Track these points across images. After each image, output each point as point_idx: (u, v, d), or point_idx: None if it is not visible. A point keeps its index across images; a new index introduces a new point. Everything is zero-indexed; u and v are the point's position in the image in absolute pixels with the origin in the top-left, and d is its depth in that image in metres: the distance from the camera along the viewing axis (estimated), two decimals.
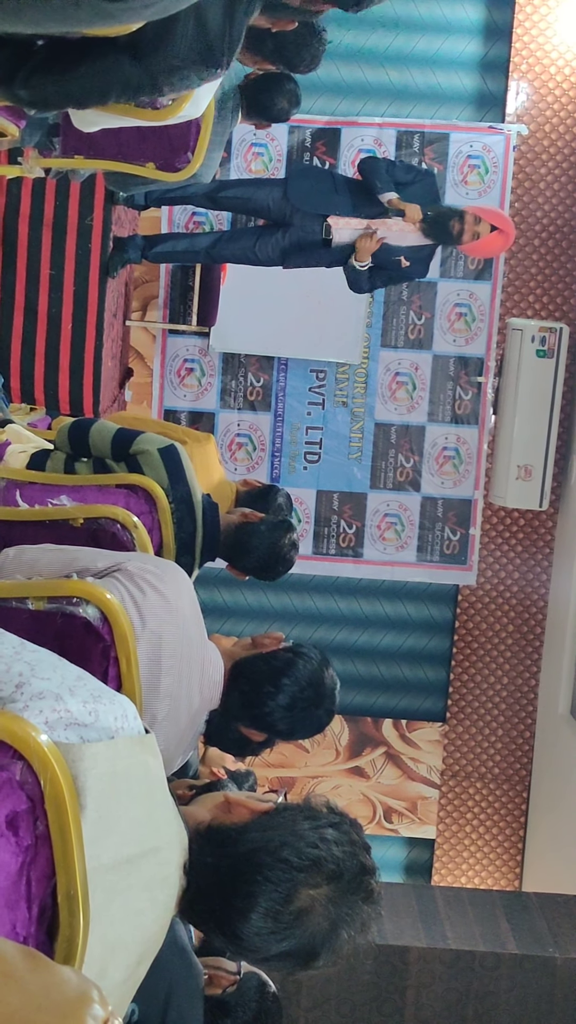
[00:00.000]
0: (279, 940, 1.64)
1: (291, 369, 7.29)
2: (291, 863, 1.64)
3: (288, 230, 5.83)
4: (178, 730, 2.35)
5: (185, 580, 2.40)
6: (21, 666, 1.55)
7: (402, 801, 7.58)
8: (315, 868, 1.65)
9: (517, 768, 7.67)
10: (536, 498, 7.12)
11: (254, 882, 1.63)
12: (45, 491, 3.08)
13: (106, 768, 1.47)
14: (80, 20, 2.11)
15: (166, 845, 1.61)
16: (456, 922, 5.30)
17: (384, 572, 7.44)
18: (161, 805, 1.61)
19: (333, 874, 1.65)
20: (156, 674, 2.25)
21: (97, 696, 1.56)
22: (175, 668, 2.29)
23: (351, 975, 5.05)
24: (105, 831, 1.46)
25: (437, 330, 7.29)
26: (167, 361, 7.27)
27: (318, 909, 1.64)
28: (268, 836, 1.68)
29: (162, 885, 1.59)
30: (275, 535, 3.55)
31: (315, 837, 1.67)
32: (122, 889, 1.49)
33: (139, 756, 1.56)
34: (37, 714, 1.47)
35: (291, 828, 1.69)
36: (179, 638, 2.30)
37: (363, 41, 7.08)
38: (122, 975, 1.51)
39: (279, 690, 2.48)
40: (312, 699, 2.51)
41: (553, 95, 7.13)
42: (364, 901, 1.68)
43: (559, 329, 6.96)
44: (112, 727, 1.54)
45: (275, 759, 7.46)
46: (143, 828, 1.55)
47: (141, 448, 3.39)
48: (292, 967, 1.70)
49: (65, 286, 5.72)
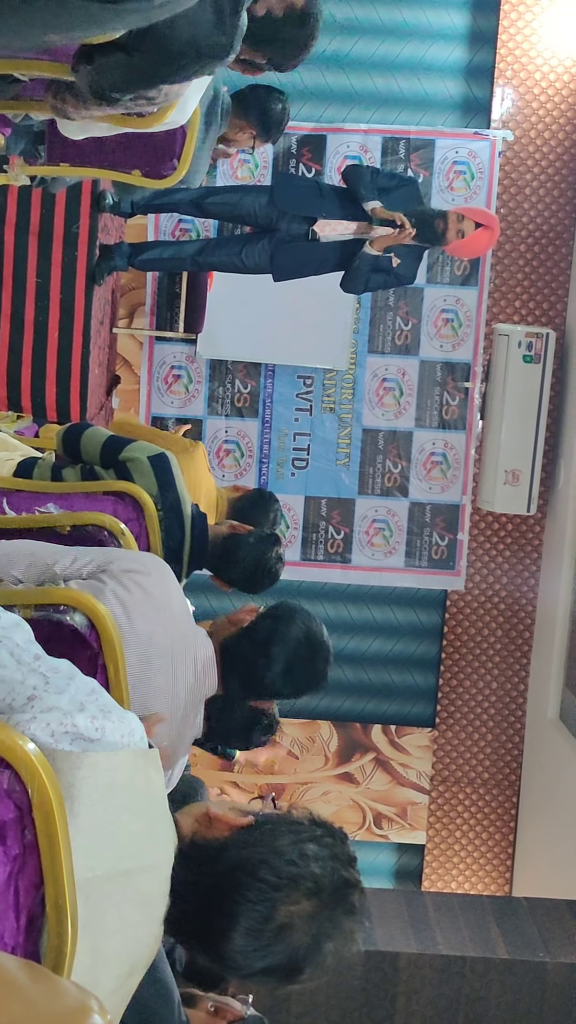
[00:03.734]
0: (261, 957, 1.65)
1: (278, 375, 7.29)
2: (269, 882, 1.64)
3: (275, 237, 5.83)
4: (175, 726, 2.37)
5: (170, 574, 2.42)
6: (36, 679, 1.55)
7: (392, 807, 7.57)
8: (293, 886, 1.65)
9: (506, 773, 7.67)
10: (524, 503, 7.13)
11: (233, 901, 1.63)
12: (32, 499, 3.07)
13: (105, 778, 1.47)
14: (66, 24, 2.11)
15: (164, 863, 1.60)
16: (446, 928, 5.30)
17: (372, 578, 7.44)
18: (161, 821, 1.61)
19: (312, 891, 1.65)
20: (148, 674, 2.26)
21: (107, 712, 1.56)
22: (167, 667, 2.31)
23: (341, 982, 5.05)
24: (102, 842, 1.45)
25: (424, 336, 7.30)
26: (154, 368, 7.27)
27: (299, 925, 1.64)
28: (246, 854, 1.67)
29: (158, 902, 1.59)
30: (262, 548, 3.56)
31: (294, 854, 1.67)
32: (117, 901, 1.49)
33: (142, 770, 1.56)
34: (44, 727, 1.47)
35: (270, 845, 1.69)
36: (169, 635, 2.32)
37: (348, 48, 7.10)
38: (113, 986, 1.50)
39: (272, 659, 2.53)
40: (306, 655, 2.58)
41: (538, 101, 7.15)
42: (346, 915, 1.68)
43: (545, 334, 6.97)
44: (118, 744, 1.54)
45: (264, 765, 7.45)
46: (143, 843, 1.54)
47: (131, 455, 3.39)
48: (277, 982, 1.70)
49: (52, 294, 5.72)
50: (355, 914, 1.69)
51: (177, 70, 2.41)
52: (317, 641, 2.62)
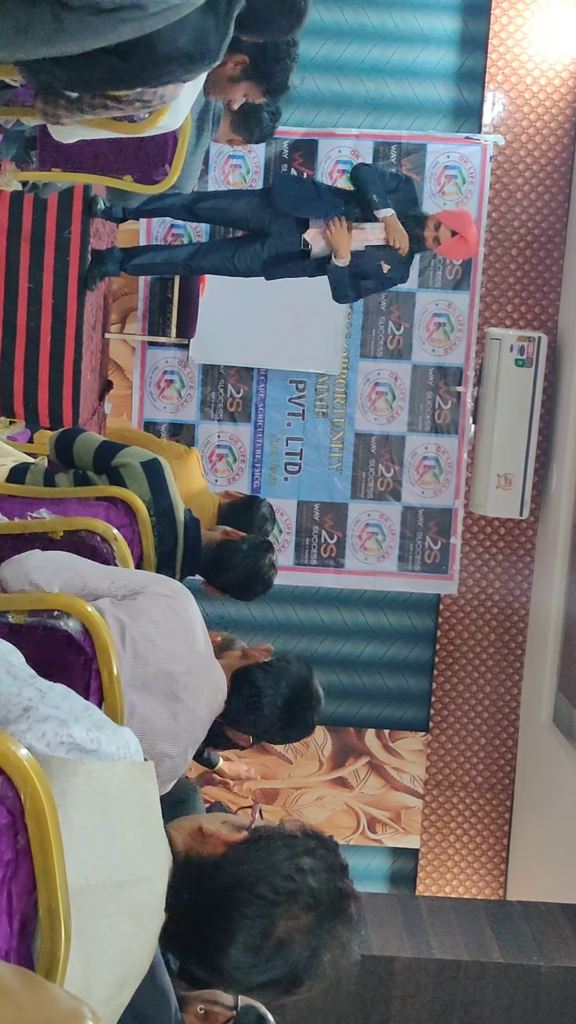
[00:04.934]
0: (261, 972, 1.65)
1: (271, 380, 7.29)
2: (267, 898, 1.65)
3: (267, 240, 5.84)
4: (194, 738, 2.47)
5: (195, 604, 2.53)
6: (32, 692, 1.57)
7: (386, 811, 7.57)
8: (291, 901, 1.65)
9: (500, 777, 7.67)
10: (516, 507, 7.13)
11: (231, 918, 1.64)
12: (24, 504, 3.07)
13: (100, 788, 1.47)
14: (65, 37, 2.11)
15: (158, 876, 1.61)
16: (441, 932, 5.30)
17: (365, 582, 7.44)
18: (156, 834, 1.61)
19: (310, 905, 1.66)
20: (175, 689, 2.36)
21: (100, 726, 1.57)
22: (191, 685, 2.40)
23: (337, 987, 5.03)
24: (95, 851, 1.45)
25: (416, 340, 7.30)
26: (147, 373, 7.27)
27: (298, 939, 1.65)
28: (243, 871, 1.68)
29: (152, 914, 1.59)
30: (255, 555, 3.56)
31: (290, 869, 1.67)
32: (110, 912, 1.49)
33: (138, 782, 1.56)
34: (39, 736, 1.48)
35: (266, 861, 1.69)
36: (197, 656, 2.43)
37: (339, 52, 7.10)
38: (105, 996, 1.50)
39: (279, 693, 2.69)
40: (306, 701, 2.74)
41: (529, 105, 7.17)
42: (343, 925, 1.69)
43: (537, 338, 6.98)
44: (114, 755, 1.55)
45: (258, 770, 7.44)
46: (137, 855, 1.54)
47: (124, 461, 3.39)
48: (276, 995, 1.71)
49: (44, 299, 5.72)
50: (352, 924, 1.70)
51: (162, 75, 2.41)
52: (317, 694, 2.78)
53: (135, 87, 2.48)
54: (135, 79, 2.42)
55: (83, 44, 2.21)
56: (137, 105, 2.59)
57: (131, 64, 2.33)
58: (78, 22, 2.07)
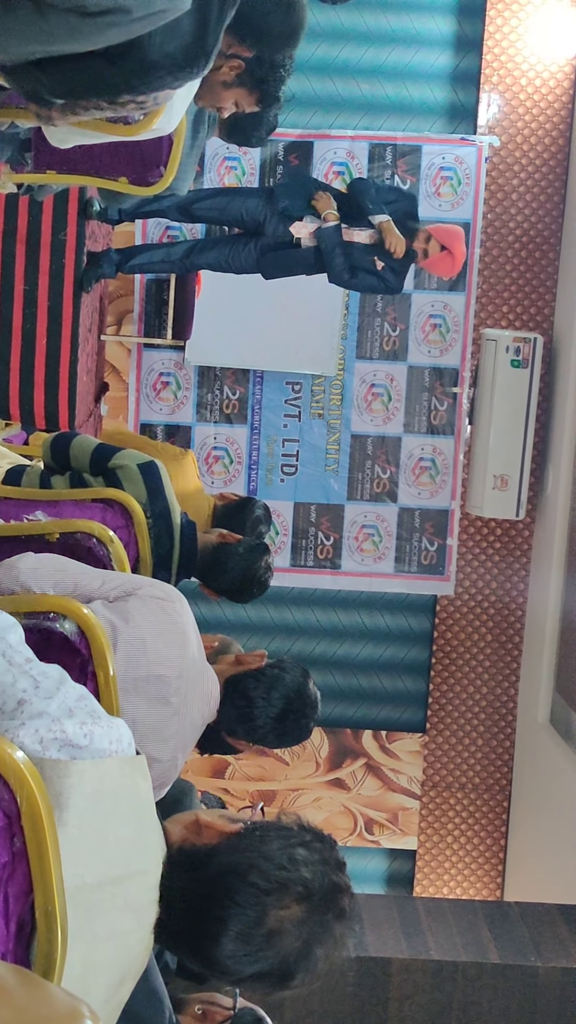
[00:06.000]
0: (252, 962, 1.64)
1: (267, 382, 7.30)
2: (259, 886, 1.64)
3: (260, 239, 5.87)
4: (184, 743, 2.44)
5: (188, 607, 2.50)
6: (26, 681, 1.57)
7: (383, 812, 7.57)
8: (283, 890, 1.64)
9: (497, 778, 7.68)
10: (513, 508, 7.14)
11: (223, 906, 1.63)
12: (20, 506, 3.07)
13: (93, 786, 1.48)
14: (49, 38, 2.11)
15: (152, 869, 1.61)
16: (438, 933, 5.30)
17: (362, 583, 7.45)
18: (149, 828, 1.61)
19: (302, 895, 1.65)
20: (166, 692, 2.32)
21: (95, 718, 1.57)
22: (183, 689, 2.36)
23: (334, 988, 5.04)
24: (90, 849, 1.45)
25: (412, 341, 7.31)
26: (143, 375, 7.27)
27: (289, 930, 1.64)
28: (236, 859, 1.67)
29: (148, 908, 1.59)
30: (251, 557, 3.56)
31: (284, 858, 1.67)
32: (107, 909, 1.49)
33: (129, 777, 1.57)
34: (32, 733, 1.48)
35: (260, 850, 1.68)
36: (190, 660, 2.40)
37: (335, 54, 7.11)
38: (104, 994, 1.50)
39: (271, 703, 2.65)
40: (300, 709, 2.69)
41: (524, 106, 7.17)
42: (336, 919, 1.68)
43: (533, 339, 6.99)
44: (106, 750, 1.55)
45: (255, 772, 7.45)
46: (131, 849, 1.55)
47: (120, 463, 3.39)
48: (269, 987, 1.70)
49: (39, 301, 5.71)
50: (345, 918, 1.69)
51: (150, 81, 2.40)
52: (311, 701, 2.73)
53: (122, 94, 2.47)
54: (123, 86, 2.41)
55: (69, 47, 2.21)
56: (131, 106, 2.57)
57: (119, 69, 2.32)
58: (64, 24, 2.06)
